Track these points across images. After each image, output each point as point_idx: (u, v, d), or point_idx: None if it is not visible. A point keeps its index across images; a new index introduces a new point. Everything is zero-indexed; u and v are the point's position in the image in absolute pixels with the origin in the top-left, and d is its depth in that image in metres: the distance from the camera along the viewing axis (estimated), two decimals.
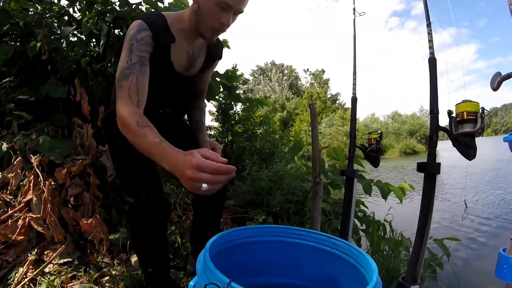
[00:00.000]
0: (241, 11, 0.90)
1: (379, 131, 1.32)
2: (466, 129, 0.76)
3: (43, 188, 1.33)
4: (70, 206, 1.49)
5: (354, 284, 0.75)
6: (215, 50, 1.12)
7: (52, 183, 1.38)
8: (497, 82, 0.71)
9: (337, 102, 36.28)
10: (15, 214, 1.31)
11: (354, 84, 1.37)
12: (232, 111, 4.44)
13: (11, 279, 1.21)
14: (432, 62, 0.82)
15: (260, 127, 5.09)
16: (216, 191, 0.67)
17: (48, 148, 1.51)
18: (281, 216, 2.36)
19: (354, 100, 1.37)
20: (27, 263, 1.24)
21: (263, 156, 3.94)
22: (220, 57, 1.18)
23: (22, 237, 1.28)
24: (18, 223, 1.29)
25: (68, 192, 1.50)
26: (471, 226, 3.77)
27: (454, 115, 0.80)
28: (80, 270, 1.31)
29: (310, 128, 1.56)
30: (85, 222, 1.45)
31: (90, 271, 1.33)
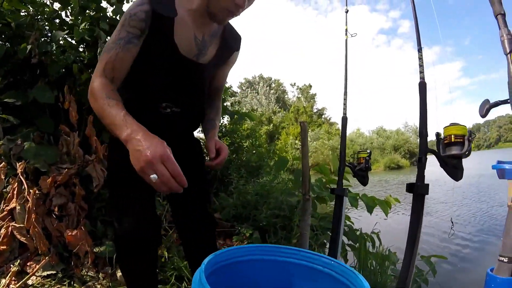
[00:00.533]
0: None
1: (368, 150, 1.35)
2: (454, 152, 0.80)
3: (27, 197, 1.29)
4: (54, 216, 1.44)
5: None
6: (231, 40, 0.99)
7: (37, 192, 1.34)
8: (485, 110, 0.75)
9: (323, 116, 36.86)
10: None
11: (345, 104, 1.41)
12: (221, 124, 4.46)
13: None
14: (422, 86, 0.86)
15: (246, 140, 5.13)
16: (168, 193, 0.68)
17: (33, 154, 1.47)
18: (268, 230, 2.35)
19: (344, 119, 1.41)
20: (9, 274, 1.19)
21: (249, 169, 3.96)
22: (237, 49, 1.04)
23: (5, 247, 1.23)
24: (1, 232, 1.23)
25: (52, 201, 1.46)
26: (453, 241, 3.85)
27: (442, 137, 0.84)
28: (64, 283, 1.27)
29: (300, 146, 1.58)
30: (69, 233, 1.41)
31: (74, 284, 1.29)
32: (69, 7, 1.99)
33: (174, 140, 0.86)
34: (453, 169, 0.80)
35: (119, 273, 1.42)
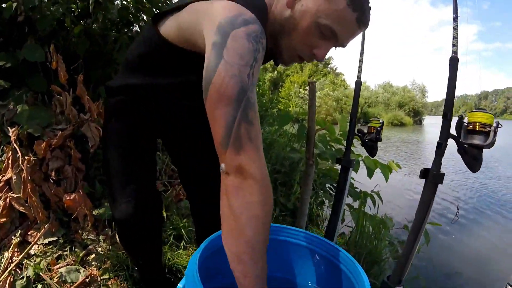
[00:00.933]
0: (343, 46, 0.69)
1: (380, 120, 1.26)
2: (476, 141, 0.72)
3: (22, 166, 1.25)
4: (51, 181, 1.42)
5: None
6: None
7: (32, 159, 1.30)
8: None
9: (329, 66, 35.69)
10: None
11: (360, 67, 1.28)
12: None
13: None
14: (454, 62, 0.74)
15: None
16: None
17: (26, 118, 1.40)
18: None
19: (358, 83, 1.28)
20: (11, 246, 1.20)
21: None
22: None
23: (5, 219, 1.22)
24: None
25: (49, 166, 1.42)
26: (448, 207, 3.90)
27: (465, 122, 0.75)
28: (66, 249, 1.29)
29: (308, 107, 1.48)
30: (68, 198, 1.40)
31: (76, 249, 1.31)
32: None
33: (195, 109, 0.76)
34: (472, 159, 0.73)
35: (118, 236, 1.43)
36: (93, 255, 1.32)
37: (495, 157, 8.58)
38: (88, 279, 1.18)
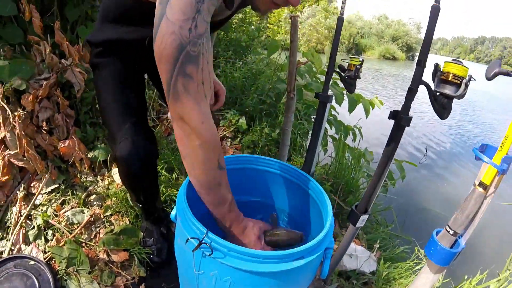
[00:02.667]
0: None
1: (360, 58, 1.27)
2: (447, 91, 0.75)
3: (13, 122, 1.27)
4: (44, 131, 1.46)
5: (313, 215, 0.93)
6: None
7: (21, 113, 1.32)
8: (493, 73, 0.69)
9: None
10: None
11: (344, 3, 1.23)
12: None
13: (8, 221, 1.27)
14: (435, 11, 0.73)
15: (236, 16, 4.76)
16: None
17: (8, 73, 1.37)
18: (254, 117, 2.46)
19: (340, 20, 1.25)
20: (17, 200, 1.29)
21: (238, 49, 3.86)
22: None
23: (6, 177, 1.28)
24: None
25: (39, 117, 1.45)
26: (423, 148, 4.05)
27: (440, 70, 0.78)
28: (68, 193, 1.39)
29: (289, 41, 1.48)
30: (62, 145, 1.46)
31: (77, 192, 1.42)
32: None
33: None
34: (441, 108, 0.78)
35: (115, 175, 1.54)
36: (94, 196, 1.44)
37: (481, 104, 8.72)
38: (92, 218, 1.31)
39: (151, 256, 1.22)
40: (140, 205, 1.15)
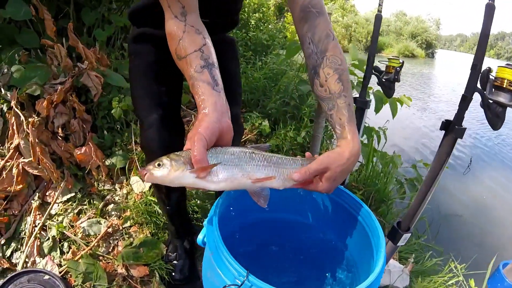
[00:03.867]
0: None
1: (401, 60, 1.16)
2: (501, 99, 0.66)
3: (27, 130, 1.23)
4: (60, 138, 1.41)
5: (360, 243, 0.78)
6: None
7: (36, 120, 1.27)
8: None
9: None
10: (7, 164, 1.24)
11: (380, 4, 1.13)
12: None
13: (23, 232, 1.22)
14: (490, 9, 0.64)
15: (253, 16, 4.70)
16: None
17: (23, 79, 1.34)
18: (277, 119, 2.36)
19: (378, 18, 1.15)
20: (32, 210, 1.24)
21: (258, 48, 3.79)
22: None
23: (21, 185, 1.24)
24: (13, 172, 1.23)
25: (54, 123, 1.41)
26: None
27: (493, 76, 0.68)
28: (85, 203, 1.34)
29: None
30: (78, 152, 1.41)
31: (94, 202, 1.37)
32: None
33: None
34: (495, 117, 0.68)
35: (134, 183, 1.48)
36: (112, 205, 1.39)
37: None
38: (110, 229, 1.25)
39: (173, 274, 1.14)
40: (167, 207, 1.09)
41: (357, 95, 1.35)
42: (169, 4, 0.67)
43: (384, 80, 1.15)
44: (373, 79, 1.37)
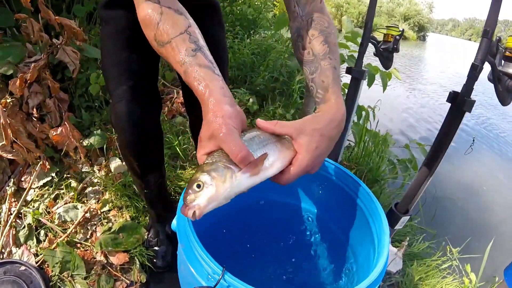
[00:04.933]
0: None
1: (401, 28, 1.08)
2: None
3: None
4: (35, 119, 1.31)
5: (360, 230, 0.72)
6: None
7: (9, 100, 1.18)
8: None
9: None
10: None
11: None
12: None
13: None
14: None
15: None
16: None
17: None
18: (265, 96, 2.29)
19: None
20: (7, 197, 1.16)
21: (245, 23, 3.63)
22: None
23: None
24: None
25: (29, 104, 1.30)
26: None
27: (504, 46, 0.61)
28: (62, 187, 1.26)
29: None
30: (54, 133, 1.31)
31: (72, 185, 1.28)
32: None
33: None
34: (505, 91, 0.61)
35: (112, 164, 1.40)
36: (90, 188, 1.31)
37: None
38: (88, 214, 1.17)
39: (154, 260, 1.08)
40: (145, 190, 1.01)
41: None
42: None
43: (382, 49, 1.07)
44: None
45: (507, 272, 0.74)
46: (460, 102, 0.67)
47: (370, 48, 1.29)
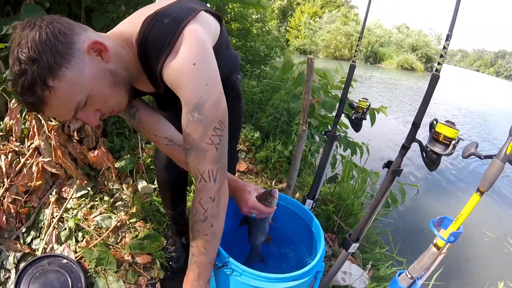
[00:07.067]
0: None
1: (368, 103, 1.40)
2: (436, 149, 0.87)
3: (48, 134, 1.44)
4: (75, 141, 1.62)
5: (306, 233, 1.12)
6: None
7: (54, 124, 1.47)
8: (468, 154, 0.79)
9: None
10: (27, 162, 1.44)
11: (357, 51, 1.34)
12: (229, 8, 4.19)
13: (41, 222, 1.43)
14: (434, 80, 0.86)
15: (255, 26, 4.85)
16: None
17: None
18: (268, 132, 2.61)
19: (352, 67, 1.38)
20: (50, 204, 1.45)
21: (256, 58, 4.02)
22: None
23: (40, 181, 1.45)
24: (33, 169, 1.43)
25: (70, 127, 1.60)
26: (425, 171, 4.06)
27: (434, 128, 0.89)
28: (96, 199, 1.56)
29: (305, 80, 1.62)
30: (92, 155, 1.62)
31: (105, 198, 1.59)
32: None
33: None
34: (430, 162, 0.90)
35: (139, 185, 1.69)
36: (120, 202, 1.61)
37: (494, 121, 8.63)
38: (119, 223, 1.48)
39: (170, 263, 1.39)
40: (170, 212, 1.33)
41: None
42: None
43: (353, 118, 1.39)
44: None
45: (390, 285, 1.01)
46: (392, 171, 0.98)
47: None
